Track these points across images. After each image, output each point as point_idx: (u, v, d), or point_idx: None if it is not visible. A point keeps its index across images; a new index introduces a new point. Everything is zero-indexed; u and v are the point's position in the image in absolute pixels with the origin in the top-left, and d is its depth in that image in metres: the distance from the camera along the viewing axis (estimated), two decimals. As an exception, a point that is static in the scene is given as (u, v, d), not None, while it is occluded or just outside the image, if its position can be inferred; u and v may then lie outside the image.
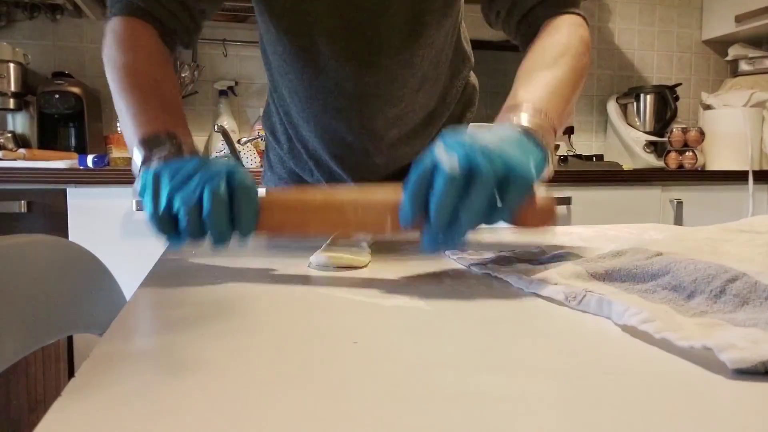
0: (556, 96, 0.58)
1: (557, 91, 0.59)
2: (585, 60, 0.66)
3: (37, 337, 0.52)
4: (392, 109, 0.82)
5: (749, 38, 2.48)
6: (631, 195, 1.90)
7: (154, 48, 0.69)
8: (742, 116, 2.13)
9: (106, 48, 0.67)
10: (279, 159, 0.96)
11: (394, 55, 0.76)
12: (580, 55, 0.65)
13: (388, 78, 0.78)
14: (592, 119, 2.53)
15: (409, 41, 0.76)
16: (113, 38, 0.67)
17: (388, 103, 0.81)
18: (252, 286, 0.46)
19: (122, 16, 0.68)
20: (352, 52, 0.76)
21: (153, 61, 0.67)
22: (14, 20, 1.99)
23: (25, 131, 1.89)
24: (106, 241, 1.53)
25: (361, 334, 0.33)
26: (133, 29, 0.68)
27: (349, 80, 0.78)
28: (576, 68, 0.63)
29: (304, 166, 0.92)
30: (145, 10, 0.68)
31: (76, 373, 0.27)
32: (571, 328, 0.35)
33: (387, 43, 0.76)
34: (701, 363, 0.28)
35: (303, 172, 0.93)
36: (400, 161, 0.90)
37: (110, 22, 0.69)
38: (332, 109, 0.81)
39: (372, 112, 0.81)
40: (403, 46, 0.76)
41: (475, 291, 0.44)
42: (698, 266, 0.37)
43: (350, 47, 0.76)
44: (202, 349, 0.31)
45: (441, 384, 0.26)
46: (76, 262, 0.61)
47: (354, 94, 0.79)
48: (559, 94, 0.59)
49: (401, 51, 0.77)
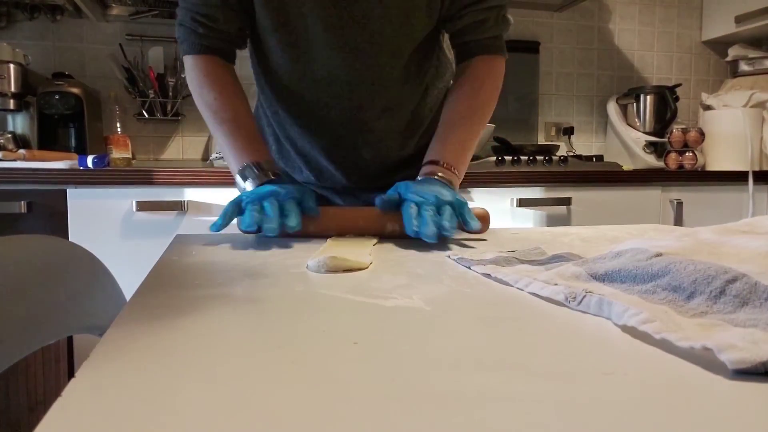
0: (461, 151, 0.85)
1: (463, 147, 0.86)
2: (489, 109, 0.91)
3: (37, 337, 0.52)
4: (380, 99, 0.89)
5: (749, 38, 2.49)
6: (631, 195, 1.90)
7: (230, 81, 0.87)
8: (742, 117, 2.13)
9: (193, 83, 0.86)
10: None
11: (385, 43, 0.84)
12: (487, 109, 0.90)
13: (378, 64, 0.86)
14: (592, 120, 2.53)
15: (400, 31, 0.84)
16: (198, 75, 0.85)
17: (377, 93, 0.88)
18: (252, 286, 0.46)
19: (197, 55, 0.85)
20: (345, 41, 0.83)
21: (232, 94, 0.86)
22: (14, 21, 1.99)
23: (25, 132, 1.88)
24: (106, 241, 1.53)
25: (361, 334, 0.33)
26: (212, 66, 0.86)
27: (341, 68, 0.85)
28: (481, 123, 0.89)
29: (293, 164, 1.00)
30: (214, 48, 0.85)
31: (76, 373, 0.27)
32: (571, 329, 0.35)
33: (379, 32, 0.83)
34: (701, 363, 0.28)
35: (292, 171, 1.01)
36: (386, 157, 0.97)
37: (187, 59, 0.86)
38: (326, 97, 0.89)
39: (362, 101, 0.89)
40: (394, 35, 0.84)
41: (475, 291, 0.44)
42: (698, 267, 0.37)
43: (344, 35, 0.83)
44: (202, 349, 0.31)
45: (441, 384, 0.26)
46: (76, 262, 0.61)
47: (345, 81, 0.87)
48: (465, 148, 0.86)
49: (391, 40, 0.84)
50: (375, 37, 0.83)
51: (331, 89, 0.87)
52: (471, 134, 0.87)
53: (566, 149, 2.42)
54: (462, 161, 0.84)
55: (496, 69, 0.91)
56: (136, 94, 2.03)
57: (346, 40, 0.83)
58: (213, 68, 0.86)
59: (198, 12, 0.83)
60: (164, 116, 2.08)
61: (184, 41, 0.85)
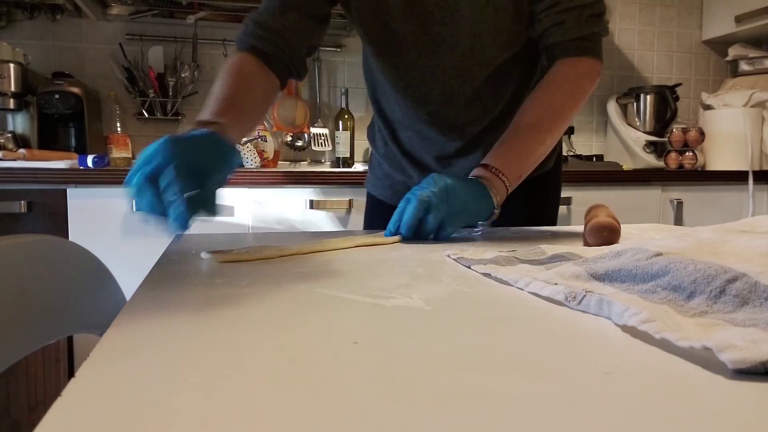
0: (514, 156, 0.83)
1: (519, 152, 0.84)
2: (563, 113, 0.88)
3: (37, 337, 0.52)
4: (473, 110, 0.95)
5: (749, 38, 2.48)
6: (631, 195, 1.90)
7: (253, 73, 0.83)
8: (742, 116, 2.13)
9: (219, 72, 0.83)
10: (378, 163, 1.11)
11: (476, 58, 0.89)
12: (558, 113, 0.88)
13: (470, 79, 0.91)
14: (592, 119, 2.53)
15: (492, 45, 0.88)
16: (224, 66, 0.83)
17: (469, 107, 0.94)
18: (252, 286, 0.46)
19: (239, 52, 0.85)
20: (437, 62, 0.89)
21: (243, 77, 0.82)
22: (14, 20, 1.99)
23: (25, 131, 1.88)
24: (106, 241, 1.53)
25: (361, 334, 0.33)
26: (244, 60, 0.84)
27: (435, 89, 0.92)
28: (551, 129, 0.87)
29: (398, 165, 1.06)
30: (257, 48, 0.84)
31: (76, 373, 0.27)
32: (571, 328, 0.35)
33: (469, 49, 0.88)
34: (701, 363, 0.28)
35: (396, 172, 1.07)
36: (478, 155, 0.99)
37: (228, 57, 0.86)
38: (424, 114, 0.96)
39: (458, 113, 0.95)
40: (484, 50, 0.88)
41: (475, 291, 0.44)
42: (698, 266, 0.37)
43: (435, 57, 0.89)
44: (202, 349, 0.31)
45: (441, 384, 0.26)
46: (76, 262, 0.61)
47: (439, 99, 0.93)
48: (521, 154, 0.84)
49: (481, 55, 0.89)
50: (466, 54, 0.88)
51: (428, 108, 0.94)
52: (532, 141, 0.85)
53: (566, 149, 2.42)
54: (514, 167, 0.82)
55: (578, 72, 0.88)
56: (136, 93, 2.03)
57: (437, 62, 0.89)
58: (247, 64, 0.84)
59: (259, 15, 0.85)
60: (164, 116, 2.08)
61: (236, 41, 0.86)
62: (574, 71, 0.88)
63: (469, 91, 0.92)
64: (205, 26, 2.13)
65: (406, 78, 0.93)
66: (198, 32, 2.11)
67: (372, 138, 1.12)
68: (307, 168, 2.21)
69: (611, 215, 0.69)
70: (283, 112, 2.14)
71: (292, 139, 2.19)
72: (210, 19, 2.12)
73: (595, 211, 0.71)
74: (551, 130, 0.87)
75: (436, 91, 0.92)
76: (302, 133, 2.19)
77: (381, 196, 1.11)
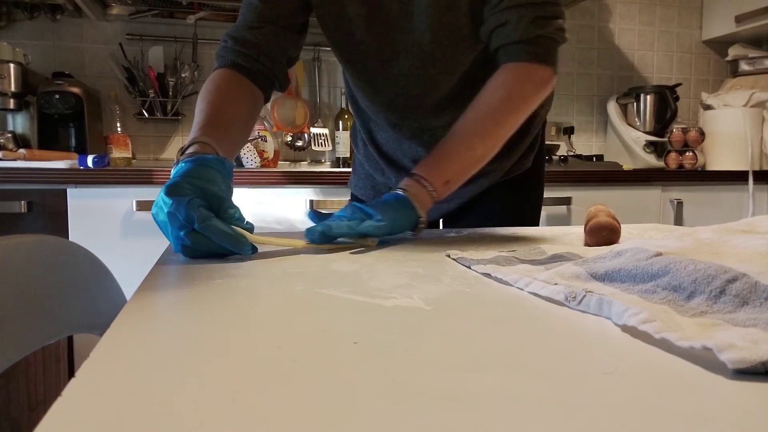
0: (443, 163, 0.80)
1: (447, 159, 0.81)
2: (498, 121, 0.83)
3: (37, 337, 0.52)
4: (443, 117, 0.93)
5: (749, 38, 2.48)
6: (631, 195, 1.90)
7: (235, 87, 0.84)
8: (742, 116, 2.13)
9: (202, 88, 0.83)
10: (359, 164, 1.13)
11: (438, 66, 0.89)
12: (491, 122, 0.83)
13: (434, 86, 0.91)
14: (592, 119, 2.53)
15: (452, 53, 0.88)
16: (209, 81, 0.83)
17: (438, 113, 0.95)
18: (252, 285, 0.46)
19: (221, 68, 0.85)
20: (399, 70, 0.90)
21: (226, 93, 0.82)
22: (14, 20, 1.99)
23: (25, 131, 1.89)
24: (106, 241, 1.53)
25: (361, 334, 0.33)
26: (226, 76, 0.84)
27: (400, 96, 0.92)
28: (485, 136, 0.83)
29: (376, 165, 1.07)
30: (238, 63, 0.84)
31: (76, 373, 0.27)
32: (571, 329, 0.35)
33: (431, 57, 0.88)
34: (701, 363, 0.28)
35: (375, 172, 1.09)
36: None
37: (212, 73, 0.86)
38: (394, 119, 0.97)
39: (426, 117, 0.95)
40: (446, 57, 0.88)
41: (475, 291, 0.44)
42: (698, 266, 0.37)
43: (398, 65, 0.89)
44: (202, 349, 0.31)
45: (441, 384, 0.26)
46: (76, 262, 0.61)
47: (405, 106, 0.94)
48: (449, 160, 0.81)
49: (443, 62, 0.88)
50: (428, 62, 0.87)
51: (396, 113, 0.95)
52: (461, 146, 0.82)
53: (566, 149, 2.42)
54: (440, 173, 0.79)
55: (518, 77, 0.83)
56: (136, 93, 2.03)
57: (399, 71, 0.89)
58: (230, 78, 0.84)
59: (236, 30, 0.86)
60: (164, 116, 2.08)
61: (216, 58, 0.87)
62: (513, 77, 0.83)
63: (436, 99, 0.91)
64: (205, 26, 2.13)
65: (372, 85, 0.93)
66: (198, 32, 2.11)
67: (354, 138, 1.13)
68: (307, 168, 2.21)
69: (611, 215, 0.68)
70: (283, 112, 2.14)
71: (292, 139, 2.20)
72: (210, 19, 2.12)
73: (595, 211, 0.70)
74: (481, 135, 0.82)
75: (401, 98, 0.92)
76: (302, 133, 2.19)
77: (363, 196, 1.12)
